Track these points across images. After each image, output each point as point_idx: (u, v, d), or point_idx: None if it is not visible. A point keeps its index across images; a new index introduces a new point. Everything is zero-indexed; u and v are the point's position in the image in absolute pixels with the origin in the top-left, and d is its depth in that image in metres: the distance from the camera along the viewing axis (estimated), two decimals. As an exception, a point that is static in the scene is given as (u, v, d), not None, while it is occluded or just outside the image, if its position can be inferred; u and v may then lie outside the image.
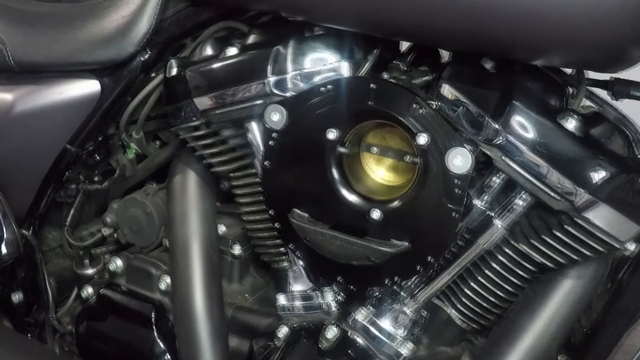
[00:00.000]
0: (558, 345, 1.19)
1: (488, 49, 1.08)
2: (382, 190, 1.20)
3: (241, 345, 1.40)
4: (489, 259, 1.19)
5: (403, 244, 1.13)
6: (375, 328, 1.25)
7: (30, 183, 1.48)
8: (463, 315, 1.27)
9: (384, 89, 1.11)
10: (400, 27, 1.08)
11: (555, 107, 1.11)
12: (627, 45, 0.96)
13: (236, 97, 1.24)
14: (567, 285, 1.16)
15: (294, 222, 1.20)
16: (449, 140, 1.07)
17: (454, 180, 1.07)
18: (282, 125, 1.18)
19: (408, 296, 1.24)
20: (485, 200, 1.15)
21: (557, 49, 1.00)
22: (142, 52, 1.33)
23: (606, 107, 1.16)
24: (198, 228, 1.39)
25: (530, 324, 1.17)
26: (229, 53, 1.28)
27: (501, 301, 1.22)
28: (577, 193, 1.06)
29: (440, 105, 1.11)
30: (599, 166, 1.06)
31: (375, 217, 1.15)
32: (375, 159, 1.22)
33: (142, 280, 1.49)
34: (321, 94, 1.14)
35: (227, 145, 1.34)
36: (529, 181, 1.09)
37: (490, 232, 1.15)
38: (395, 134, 1.18)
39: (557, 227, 1.10)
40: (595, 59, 1.01)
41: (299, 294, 1.34)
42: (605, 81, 1.17)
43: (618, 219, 1.07)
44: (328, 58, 1.19)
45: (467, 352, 1.31)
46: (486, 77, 1.12)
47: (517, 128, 1.07)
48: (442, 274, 1.20)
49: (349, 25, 1.13)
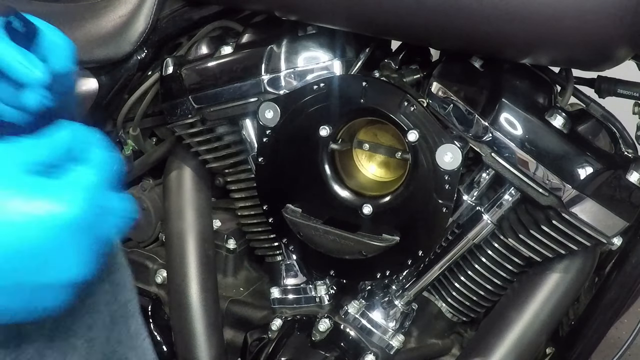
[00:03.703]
0: (546, 337, 1.20)
1: (477, 48, 1.10)
2: (373, 186, 1.21)
3: (236, 337, 1.41)
4: (478, 253, 1.20)
5: (394, 239, 1.15)
6: (366, 320, 1.26)
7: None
8: (453, 308, 1.28)
9: (375, 86, 1.12)
10: (391, 26, 1.09)
11: (543, 104, 1.12)
12: (613, 44, 0.97)
13: (231, 95, 1.25)
14: (555, 279, 1.18)
15: (288, 217, 1.21)
16: (439, 137, 1.08)
17: (444, 176, 1.09)
18: (275, 122, 1.19)
19: (399, 289, 1.26)
20: (474, 195, 1.17)
21: (545, 48, 1.01)
22: (139, 50, 1.33)
23: (593, 105, 1.16)
24: (193, 223, 1.40)
25: (518, 316, 1.18)
26: (223, 52, 1.29)
27: (490, 294, 1.24)
28: (565, 189, 1.07)
29: (431, 103, 1.13)
30: (586, 162, 1.07)
31: (367, 212, 1.16)
32: (367, 156, 1.23)
33: (139, 274, 1.49)
34: (314, 92, 1.16)
35: (222, 141, 1.35)
36: (517, 177, 1.10)
37: (479, 227, 1.17)
38: (386, 131, 1.19)
39: (545, 222, 1.11)
40: (583, 58, 1.02)
41: (292, 287, 1.35)
42: (591, 79, 1.18)
43: (605, 214, 1.08)
44: (321, 57, 1.20)
45: (456, 345, 1.33)
46: (475, 76, 1.13)
47: (505, 125, 1.08)
48: (433, 268, 1.22)
49: (341, 25, 1.14)
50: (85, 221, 0.61)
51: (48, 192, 0.59)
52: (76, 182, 0.61)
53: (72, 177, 0.62)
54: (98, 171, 0.64)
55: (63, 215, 0.59)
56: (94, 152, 0.67)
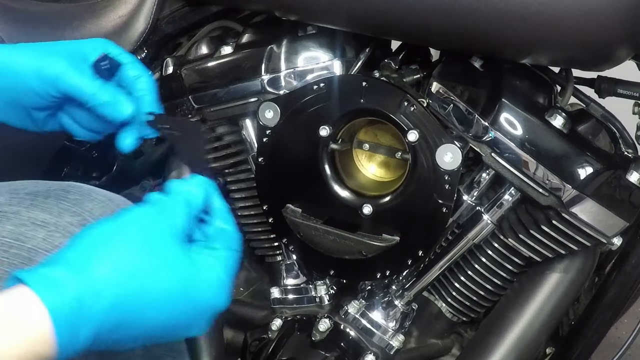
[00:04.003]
0: (546, 337, 1.20)
1: (477, 48, 1.10)
2: (373, 186, 1.22)
3: (236, 337, 1.41)
4: (478, 253, 1.20)
5: (394, 239, 1.15)
6: (366, 320, 1.26)
7: (29, 179, 1.49)
8: (453, 308, 1.28)
9: (375, 86, 1.12)
10: (391, 26, 1.09)
11: (543, 104, 1.12)
12: (613, 44, 0.97)
13: (231, 95, 1.25)
14: (555, 279, 1.17)
15: (288, 217, 1.21)
16: (439, 137, 1.08)
17: (444, 176, 1.09)
18: (275, 122, 1.19)
19: (399, 289, 1.26)
20: (474, 195, 1.17)
21: (545, 48, 1.01)
22: (139, 50, 1.33)
23: (593, 105, 1.16)
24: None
25: (518, 316, 1.18)
26: (223, 52, 1.29)
27: (490, 294, 1.24)
28: (565, 189, 1.07)
29: (431, 103, 1.13)
30: (586, 162, 1.07)
31: (367, 212, 1.16)
32: (367, 156, 1.23)
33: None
34: (314, 92, 1.16)
35: (222, 141, 1.34)
36: (517, 177, 1.10)
37: (479, 227, 1.17)
38: (386, 131, 1.19)
39: (545, 222, 1.11)
40: (583, 58, 1.02)
41: (292, 287, 1.35)
42: (591, 79, 1.18)
43: (605, 214, 1.08)
44: (321, 57, 1.20)
45: (456, 345, 1.33)
46: (475, 76, 1.13)
47: (505, 125, 1.08)
48: (433, 268, 1.22)
49: (341, 25, 1.14)
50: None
51: (204, 285, 0.74)
52: (226, 272, 0.77)
53: (220, 263, 0.76)
54: (234, 250, 0.80)
55: (217, 308, 0.76)
56: (216, 202, 0.83)
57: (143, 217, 0.74)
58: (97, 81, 0.90)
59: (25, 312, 0.63)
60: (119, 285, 0.68)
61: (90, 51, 0.92)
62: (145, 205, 0.76)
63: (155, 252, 0.72)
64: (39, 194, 0.93)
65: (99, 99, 0.89)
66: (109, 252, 0.70)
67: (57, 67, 0.88)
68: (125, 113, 0.91)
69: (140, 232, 0.72)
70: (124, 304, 0.68)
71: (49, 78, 0.88)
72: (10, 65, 0.89)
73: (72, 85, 0.88)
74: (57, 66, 0.88)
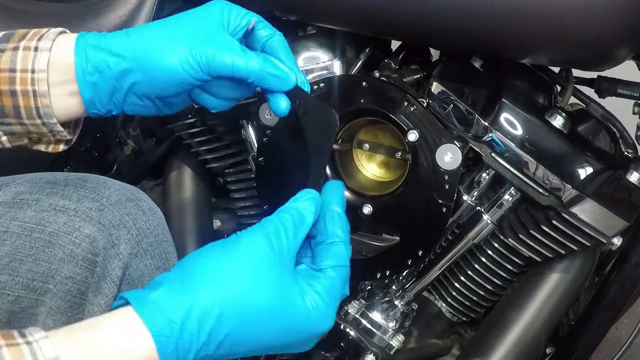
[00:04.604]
0: (546, 337, 1.21)
1: (477, 48, 1.10)
2: (373, 186, 1.22)
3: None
4: (478, 253, 1.20)
5: (394, 239, 1.15)
6: (366, 320, 1.26)
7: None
8: (453, 308, 1.28)
9: (375, 87, 1.12)
10: (391, 26, 1.09)
11: (543, 104, 1.13)
12: (613, 44, 0.98)
13: (231, 95, 1.25)
14: (555, 279, 1.18)
15: (288, 217, 1.21)
16: (439, 137, 1.08)
17: (444, 176, 1.09)
18: (275, 122, 1.18)
19: (399, 289, 1.26)
20: (474, 195, 1.17)
21: (545, 48, 1.02)
22: (139, 51, 1.33)
23: (593, 105, 1.16)
24: (193, 223, 1.41)
25: (518, 316, 1.18)
26: (224, 51, 1.29)
27: (490, 294, 1.24)
28: (565, 189, 1.08)
29: (431, 103, 1.13)
30: (586, 162, 1.08)
31: (367, 212, 1.16)
32: (367, 156, 1.23)
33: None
34: (314, 92, 1.15)
35: (222, 142, 1.35)
36: (517, 177, 1.10)
37: (479, 227, 1.17)
38: (386, 131, 1.19)
39: (545, 222, 1.12)
40: (583, 58, 1.03)
41: (292, 287, 1.35)
42: (591, 79, 1.18)
43: (604, 214, 1.09)
44: (321, 57, 1.20)
45: (456, 344, 1.33)
46: (475, 76, 1.13)
47: (505, 125, 1.08)
48: (433, 268, 1.22)
49: (341, 25, 1.14)
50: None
51: (309, 311, 0.77)
52: (330, 296, 0.79)
53: (325, 290, 0.79)
54: (343, 266, 0.84)
55: (321, 331, 0.80)
56: (334, 206, 0.88)
57: (251, 245, 0.76)
58: (248, 54, 0.85)
59: (132, 336, 0.67)
60: (223, 316, 0.71)
61: (219, 16, 0.86)
62: (254, 231, 0.78)
63: (262, 284, 0.73)
64: (58, 182, 0.95)
65: (263, 72, 0.85)
66: (215, 281, 0.72)
67: (205, 53, 0.83)
68: (292, 83, 0.87)
69: (248, 263, 0.74)
70: (226, 334, 0.71)
71: (200, 66, 0.83)
72: (154, 66, 0.84)
73: (226, 66, 0.83)
74: (205, 52, 0.83)
